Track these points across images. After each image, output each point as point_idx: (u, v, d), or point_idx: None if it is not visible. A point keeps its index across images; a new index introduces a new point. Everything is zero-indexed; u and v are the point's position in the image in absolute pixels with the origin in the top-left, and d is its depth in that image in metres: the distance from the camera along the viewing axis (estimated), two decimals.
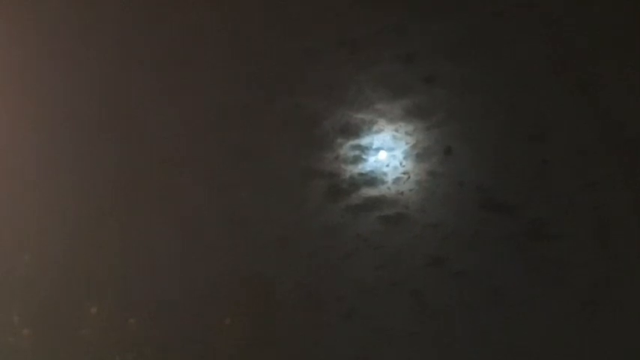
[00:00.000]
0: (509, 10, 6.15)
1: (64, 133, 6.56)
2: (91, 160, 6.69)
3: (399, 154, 6.73)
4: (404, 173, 6.75)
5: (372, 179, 6.77)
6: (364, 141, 6.69)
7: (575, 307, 6.62)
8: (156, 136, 6.63)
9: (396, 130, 6.66)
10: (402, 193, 6.77)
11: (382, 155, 6.75)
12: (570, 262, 6.64)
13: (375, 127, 6.64)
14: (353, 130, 6.65)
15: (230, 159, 6.71)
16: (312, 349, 6.87)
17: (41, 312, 6.62)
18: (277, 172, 6.74)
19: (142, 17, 6.37)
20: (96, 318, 6.72)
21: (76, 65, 6.46)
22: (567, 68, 6.34)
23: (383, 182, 6.79)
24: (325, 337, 6.91)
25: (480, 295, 6.81)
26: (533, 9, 6.12)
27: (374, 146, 6.72)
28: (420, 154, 6.69)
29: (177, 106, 6.52)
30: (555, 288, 6.68)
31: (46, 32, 6.51)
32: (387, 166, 6.77)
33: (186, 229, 6.88)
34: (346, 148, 6.68)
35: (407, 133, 6.66)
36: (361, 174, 6.76)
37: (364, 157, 6.74)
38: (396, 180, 6.77)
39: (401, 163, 6.74)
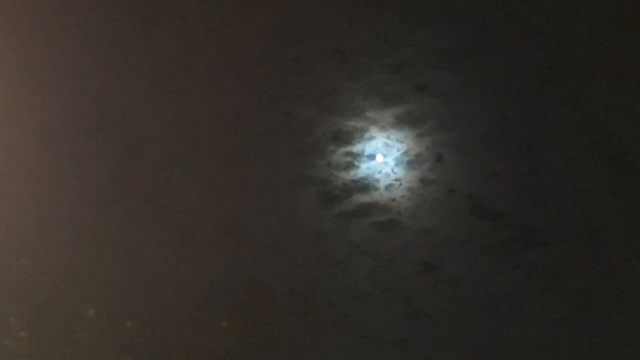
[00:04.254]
0: (499, 20, 6.18)
1: (61, 140, 6.66)
2: (88, 165, 6.79)
3: (390, 161, 6.77)
4: (396, 180, 6.79)
5: (364, 186, 6.82)
6: (356, 148, 6.74)
7: (566, 312, 6.64)
8: (151, 143, 6.72)
9: (388, 138, 6.70)
10: (394, 199, 6.81)
11: (374, 162, 6.79)
12: (560, 269, 6.66)
13: (366, 135, 6.69)
14: (345, 138, 6.70)
15: (224, 166, 6.79)
16: (305, 354, 6.93)
17: (38, 314, 6.70)
18: (270, 178, 6.80)
19: (138, 25, 6.46)
20: (93, 320, 6.79)
21: (74, 73, 6.55)
22: (557, 78, 6.35)
23: (375, 189, 6.83)
24: (319, 341, 6.97)
25: (471, 301, 6.85)
26: (522, 20, 6.14)
27: (366, 153, 6.76)
28: (411, 161, 6.73)
29: (172, 113, 6.60)
30: (545, 294, 6.70)
31: (46, 41, 6.61)
32: (379, 172, 6.81)
33: (182, 235, 6.96)
34: (338, 155, 6.73)
35: (398, 141, 6.70)
36: (353, 180, 6.81)
37: (356, 163, 6.78)
38: (388, 187, 6.81)
39: (393, 170, 6.78)
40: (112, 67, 6.50)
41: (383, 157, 6.78)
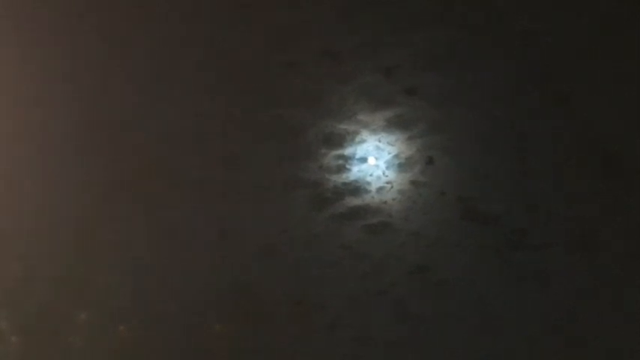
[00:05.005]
0: (488, 23, 6.19)
1: (51, 143, 6.67)
2: (78, 169, 6.79)
3: (382, 163, 6.79)
4: (387, 183, 6.81)
5: (355, 188, 6.83)
6: (347, 151, 6.75)
7: (558, 317, 6.64)
8: (142, 147, 6.72)
9: (379, 141, 6.72)
10: (385, 202, 6.83)
11: (365, 165, 6.81)
12: (552, 273, 6.66)
13: (357, 138, 6.71)
14: (336, 141, 6.71)
15: (215, 169, 6.79)
16: (298, 356, 6.93)
17: (30, 318, 6.71)
18: (261, 181, 6.80)
19: (127, 26, 6.47)
20: (85, 325, 6.80)
21: (63, 74, 6.56)
22: (547, 80, 6.36)
23: (367, 191, 6.85)
24: (311, 345, 6.97)
25: (463, 304, 6.85)
26: (511, 22, 6.16)
27: (357, 156, 6.78)
28: (402, 164, 6.74)
29: (162, 117, 6.60)
30: (537, 298, 6.70)
31: (36, 42, 6.62)
32: (371, 175, 6.83)
33: (174, 238, 6.96)
34: (330, 158, 6.74)
35: (389, 144, 6.72)
36: (345, 183, 6.83)
37: (348, 166, 6.80)
38: (380, 189, 6.82)
39: (384, 173, 6.80)
40: (102, 70, 6.51)
41: (374, 160, 6.80)
